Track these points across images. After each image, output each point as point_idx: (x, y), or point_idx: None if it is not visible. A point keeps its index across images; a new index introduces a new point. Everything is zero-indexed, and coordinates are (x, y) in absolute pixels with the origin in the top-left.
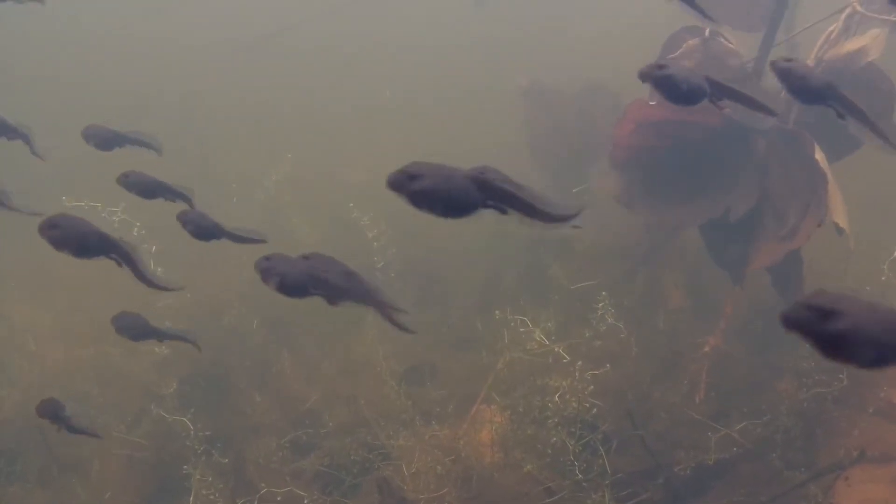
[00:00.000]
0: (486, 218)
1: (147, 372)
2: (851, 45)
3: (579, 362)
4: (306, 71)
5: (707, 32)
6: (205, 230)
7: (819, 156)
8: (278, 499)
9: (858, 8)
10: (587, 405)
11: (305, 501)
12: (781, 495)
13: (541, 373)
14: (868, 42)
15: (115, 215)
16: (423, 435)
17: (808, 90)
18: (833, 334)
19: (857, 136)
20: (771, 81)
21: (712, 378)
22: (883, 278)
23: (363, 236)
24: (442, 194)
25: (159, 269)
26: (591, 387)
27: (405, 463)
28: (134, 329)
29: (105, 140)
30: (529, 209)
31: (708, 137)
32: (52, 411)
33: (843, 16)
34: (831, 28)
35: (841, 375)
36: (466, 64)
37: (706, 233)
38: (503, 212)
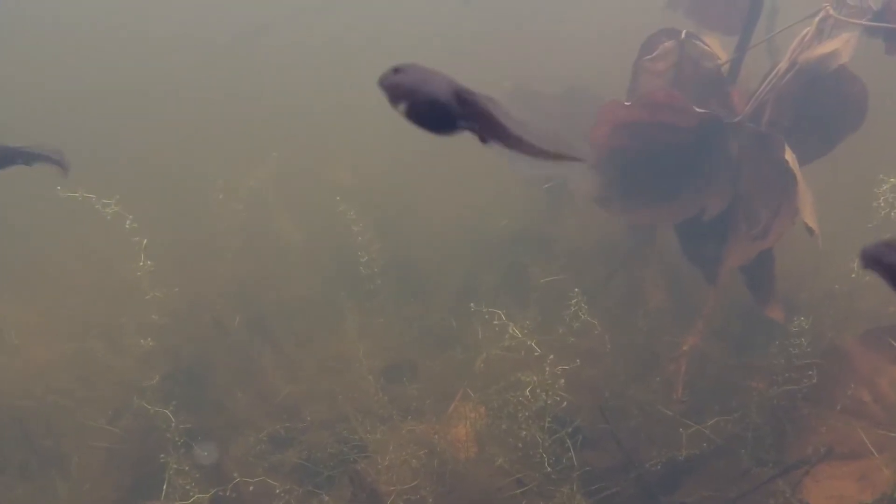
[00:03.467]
0: (469, 216)
1: (130, 367)
2: (824, 48)
3: (550, 356)
4: (291, 69)
5: (683, 34)
6: None
7: (789, 157)
8: (251, 488)
9: (831, 12)
10: (558, 398)
11: (277, 491)
12: (750, 491)
13: (517, 369)
14: (839, 45)
15: (109, 207)
16: (400, 430)
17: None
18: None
19: (830, 138)
20: (746, 83)
21: (689, 376)
22: (853, 276)
23: (348, 235)
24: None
25: (149, 263)
26: (562, 380)
27: (381, 457)
28: None
29: None
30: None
31: (682, 138)
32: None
33: (817, 19)
34: (805, 31)
35: (810, 373)
36: (453, 64)
37: (681, 232)
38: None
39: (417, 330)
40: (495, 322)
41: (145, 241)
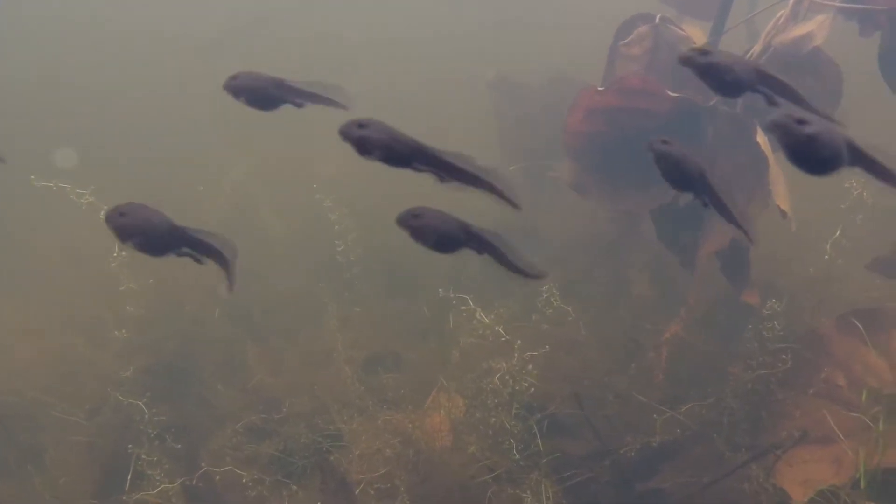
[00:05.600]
0: (456, 207)
1: (110, 362)
2: (798, 30)
3: (518, 341)
4: (278, 63)
5: (658, 19)
6: None
7: (761, 139)
8: (217, 478)
9: None
10: (526, 384)
11: (244, 480)
12: (724, 476)
13: (492, 357)
14: (814, 27)
15: (84, 198)
16: (377, 420)
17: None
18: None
19: None
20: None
21: (669, 364)
22: (826, 257)
23: (332, 228)
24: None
25: (123, 254)
26: (530, 366)
27: (355, 447)
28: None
29: None
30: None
31: (658, 123)
32: None
33: (792, 2)
34: (780, 13)
35: (784, 357)
36: (438, 56)
37: (657, 219)
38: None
39: (400, 320)
40: (463, 308)
41: None
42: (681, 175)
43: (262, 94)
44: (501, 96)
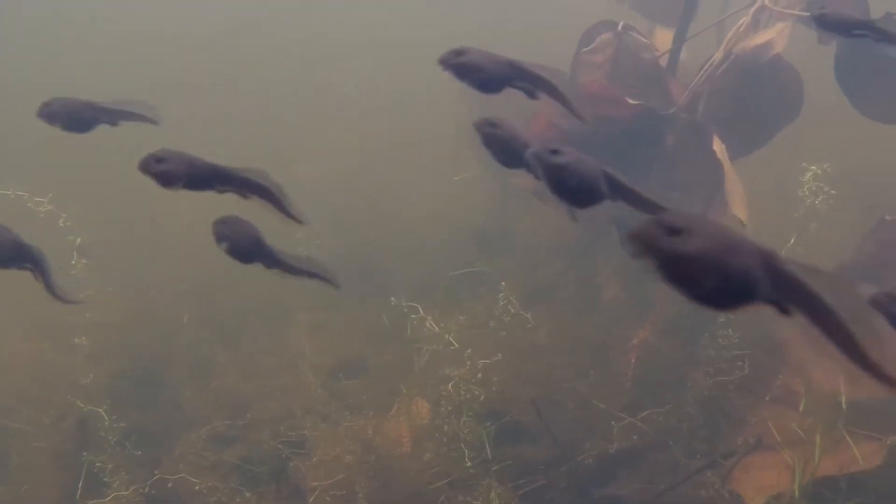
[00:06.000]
0: (431, 214)
1: (78, 367)
2: (759, 38)
3: (469, 350)
4: (259, 67)
5: (620, 26)
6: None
7: (718, 147)
8: (169, 485)
9: (766, 2)
10: (477, 392)
11: (196, 488)
12: (679, 483)
13: (454, 365)
14: (774, 35)
15: (42, 206)
16: (340, 426)
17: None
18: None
19: (769, 129)
20: (694, 74)
21: (637, 370)
22: None
23: (308, 232)
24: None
25: (83, 261)
26: (480, 374)
27: (314, 453)
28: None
29: None
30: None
31: (618, 130)
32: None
33: (753, 10)
34: (741, 21)
35: (740, 363)
36: (417, 60)
37: (619, 225)
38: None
39: (371, 325)
40: (414, 316)
41: (79, 239)
42: (509, 155)
43: (77, 117)
44: (473, 99)
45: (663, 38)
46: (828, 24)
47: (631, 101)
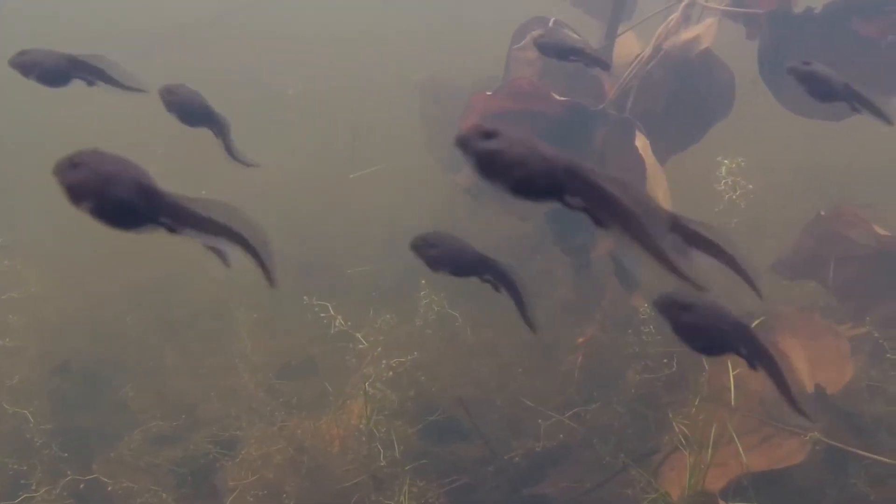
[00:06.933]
0: (385, 214)
1: (12, 366)
2: (688, 33)
3: (379, 348)
4: (210, 64)
5: (552, 22)
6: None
7: (640, 142)
8: (81, 486)
9: None
10: (389, 391)
11: (109, 489)
12: (606, 481)
13: (373, 364)
14: (701, 31)
15: None
16: (275, 426)
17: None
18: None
19: (703, 124)
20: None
21: (583, 367)
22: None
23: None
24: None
25: (5, 262)
26: (390, 372)
27: (241, 453)
28: None
29: None
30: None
31: (550, 127)
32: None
33: (682, 5)
34: (670, 17)
35: (665, 360)
36: (372, 59)
37: (552, 221)
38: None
39: (316, 327)
40: (322, 315)
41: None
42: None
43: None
44: (428, 99)
45: (629, 39)
46: (545, 49)
47: (558, 97)
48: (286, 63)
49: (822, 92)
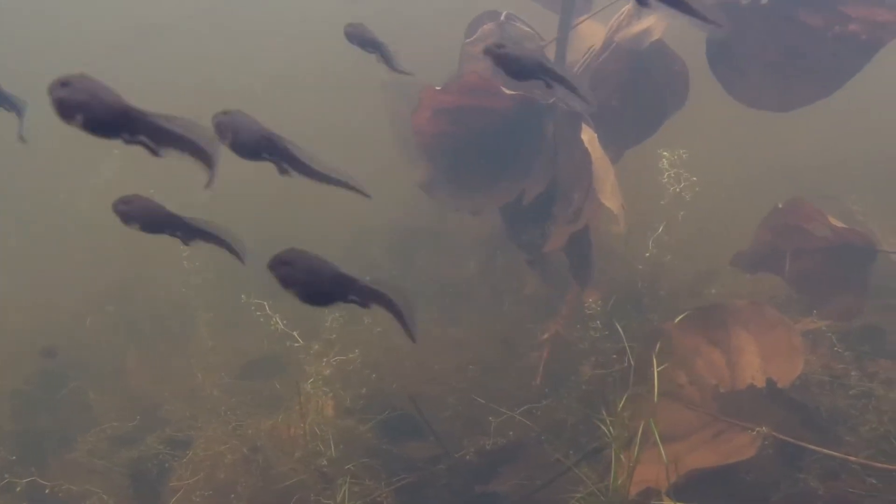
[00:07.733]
0: (356, 215)
1: None
2: (639, 26)
3: (316, 346)
4: (175, 64)
5: (503, 16)
6: None
7: (586, 136)
8: (17, 489)
9: None
10: (329, 392)
11: (46, 491)
12: (556, 478)
13: (321, 363)
14: (652, 22)
15: None
16: (228, 426)
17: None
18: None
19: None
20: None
21: (534, 364)
22: (647, 255)
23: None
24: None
25: None
26: (328, 371)
27: (192, 453)
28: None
29: None
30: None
31: (501, 122)
32: None
33: None
34: (622, 10)
35: (614, 356)
36: (338, 58)
37: (505, 216)
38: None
39: (285, 326)
40: (258, 313)
41: None
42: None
43: None
44: (393, 96)
45: (594, 29)
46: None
47: (508, 92)
48: (255, 59)
49: (517, 71)
